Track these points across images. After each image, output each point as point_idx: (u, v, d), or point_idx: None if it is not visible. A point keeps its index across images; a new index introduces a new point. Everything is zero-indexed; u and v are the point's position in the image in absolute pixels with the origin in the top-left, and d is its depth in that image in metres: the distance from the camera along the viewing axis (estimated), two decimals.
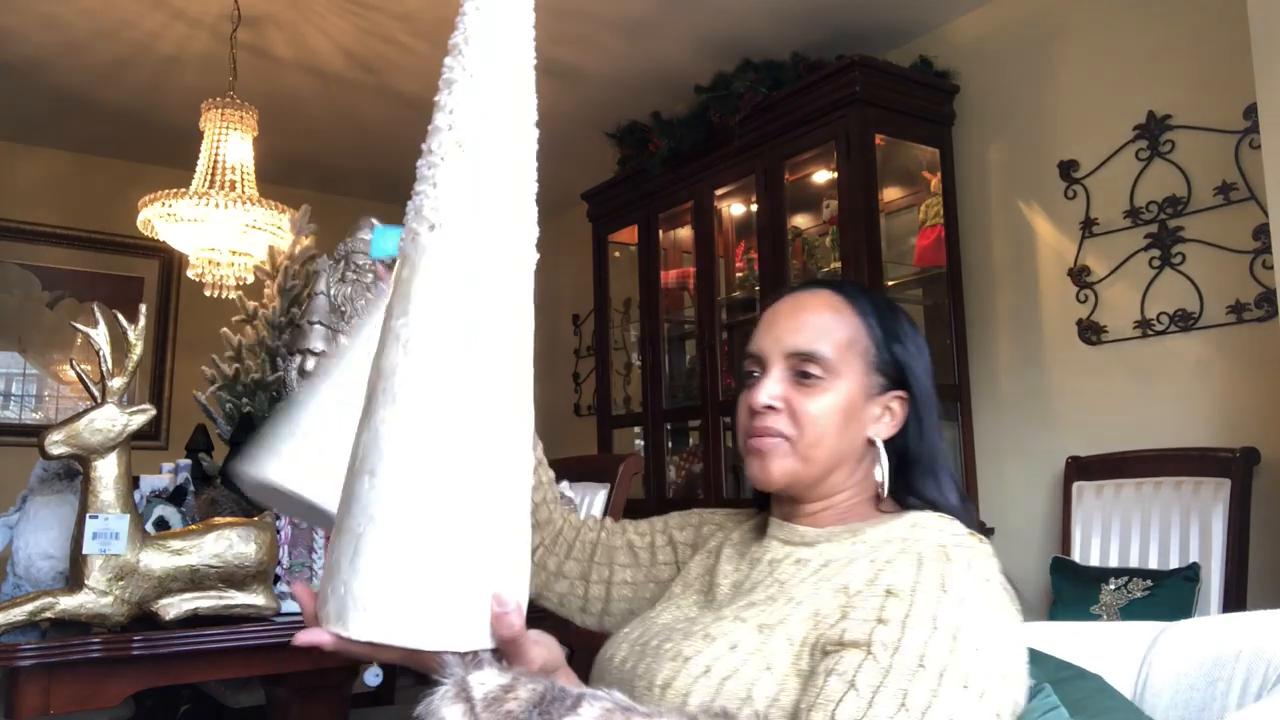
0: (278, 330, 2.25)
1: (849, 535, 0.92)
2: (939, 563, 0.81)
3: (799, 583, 0.89)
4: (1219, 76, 2.61)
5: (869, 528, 0.92)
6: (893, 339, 0.97)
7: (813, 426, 0.92)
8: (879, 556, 0.86)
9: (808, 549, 0.93)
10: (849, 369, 0.94)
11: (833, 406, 0.92)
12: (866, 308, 0.97)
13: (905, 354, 0.97)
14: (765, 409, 0.93)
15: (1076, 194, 2.93)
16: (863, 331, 0.96)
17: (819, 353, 0.93)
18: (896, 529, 0.90)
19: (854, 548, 0.90)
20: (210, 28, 3.37)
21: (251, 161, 3.13)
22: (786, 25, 3.34)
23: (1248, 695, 0.82)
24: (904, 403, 0.97)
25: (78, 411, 1.48)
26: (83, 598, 1.44)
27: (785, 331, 0.96)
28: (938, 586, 0.79)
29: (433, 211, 0.73)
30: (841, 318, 0.96)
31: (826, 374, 0.93)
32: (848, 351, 0.94)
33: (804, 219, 3.60)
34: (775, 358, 0.95)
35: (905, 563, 0.82)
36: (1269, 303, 2.47)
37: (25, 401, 4.42)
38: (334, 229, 2.68)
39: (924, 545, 0.85)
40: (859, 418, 0.94)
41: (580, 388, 5.11)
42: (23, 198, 4.40)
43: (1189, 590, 2.26)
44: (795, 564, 0.92)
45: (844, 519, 0.95)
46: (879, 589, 0.81)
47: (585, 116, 4.09)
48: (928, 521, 0.90)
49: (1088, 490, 2.66)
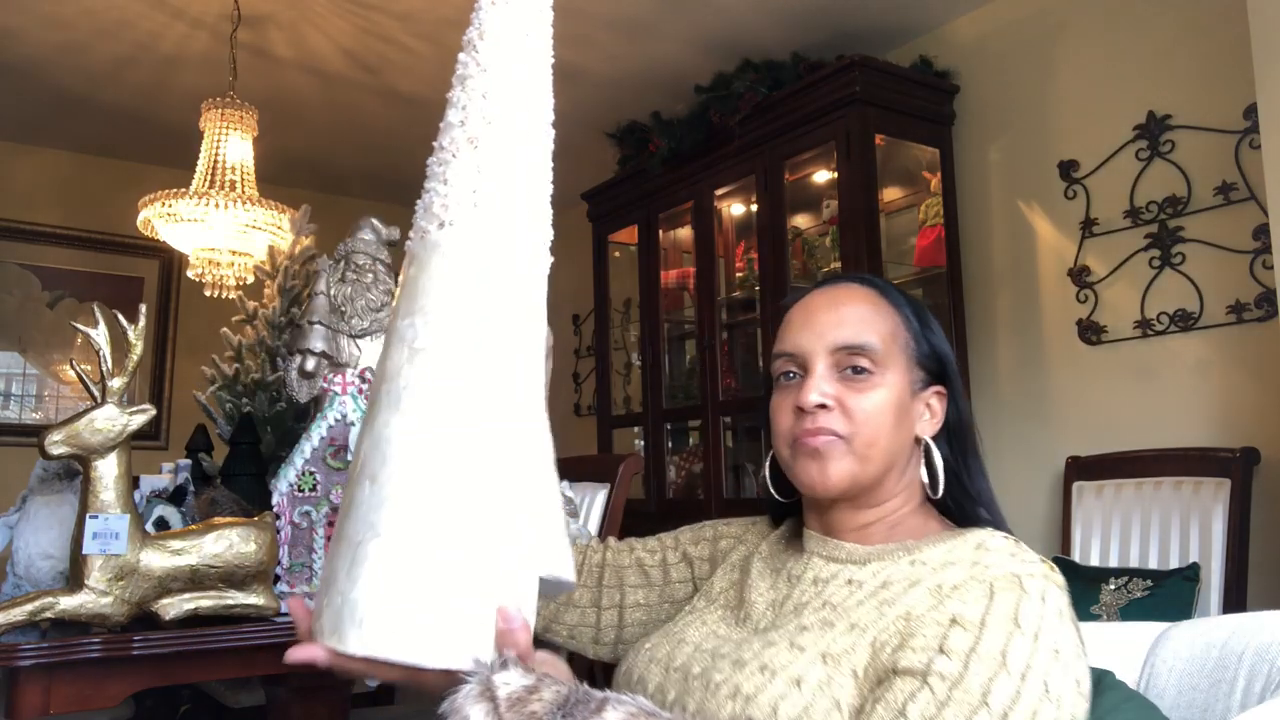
0: (278, 330, 2.25)
1: (904, 554, 0.85)
2: (1012, 593, 0.74)
3: (856, 606, 0.82)
4: (1219, 76, 2.61)
5: (927, 546, 0.85)
6: (929, 331, 0.93)
7: (868, 424, 0.86)
8: (944, 581, 0.79)
9: (858, 568, 0.86)
10: (895, 362, 0.89)
11: (886, 401, 0.87)
12: (900, 300, 0.94)
13: (942, 346, 0.93)
14: (817, 408, 0.87)
15: (1076, 194, 2.93)
16: (901, 324, 0.91)
17: (869, 345, 0.88)
18: (960, 550, 0.83)
19: (913, 569, 0.82)
20: (210, 28, 3.37)
21: (251, 161, 3.13)
22: (786, 25, 3.33)
23: (1251, 696, 0.82)
24: (943, 399, 0.92)
25: (78, 411, 1.48)
26: (83, 598, 1.44)
27: (827, 326, 0.90)
28: (1010, 620, 0.72)
29: (443, 209, 0.71)
30: (879, 310, 0.91)
31: (877, 368, 0.88)
32: (892, 344, 0.90)
33: (804, 219, 3.60)
34: (818, 354, 0.89)
35: (975, 592, 0.76)
36: (1269, 303, 2.47)
37: (25, 401, 4.42)
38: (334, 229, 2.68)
39: (995, 572, 0.77)
40: (908, 414, 0.90)
41: (580, 388, 5.11)
42: (23, 198, 4.40)
43: (1189, 590, 2.26)
44: (847, 585, 0.85)
45: (894, 534, 0.89)
46: (944, 616, 0.75)
47: (585, 116, 4.09)
48: (994, 544, 0.82)
49: (1088, 490, 2.66)
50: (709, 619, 0.92)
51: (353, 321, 1.86)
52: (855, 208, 3.04)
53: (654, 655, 0.89)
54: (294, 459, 1.68)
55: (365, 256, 1.87)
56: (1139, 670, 0.93)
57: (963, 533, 0.86)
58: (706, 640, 0.88)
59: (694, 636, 0.90)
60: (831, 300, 0.92)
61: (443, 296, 0.69)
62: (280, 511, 1.65)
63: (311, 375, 1.82)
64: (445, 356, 0.68)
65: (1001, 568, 0.78)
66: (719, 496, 3.48)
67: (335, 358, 1.82)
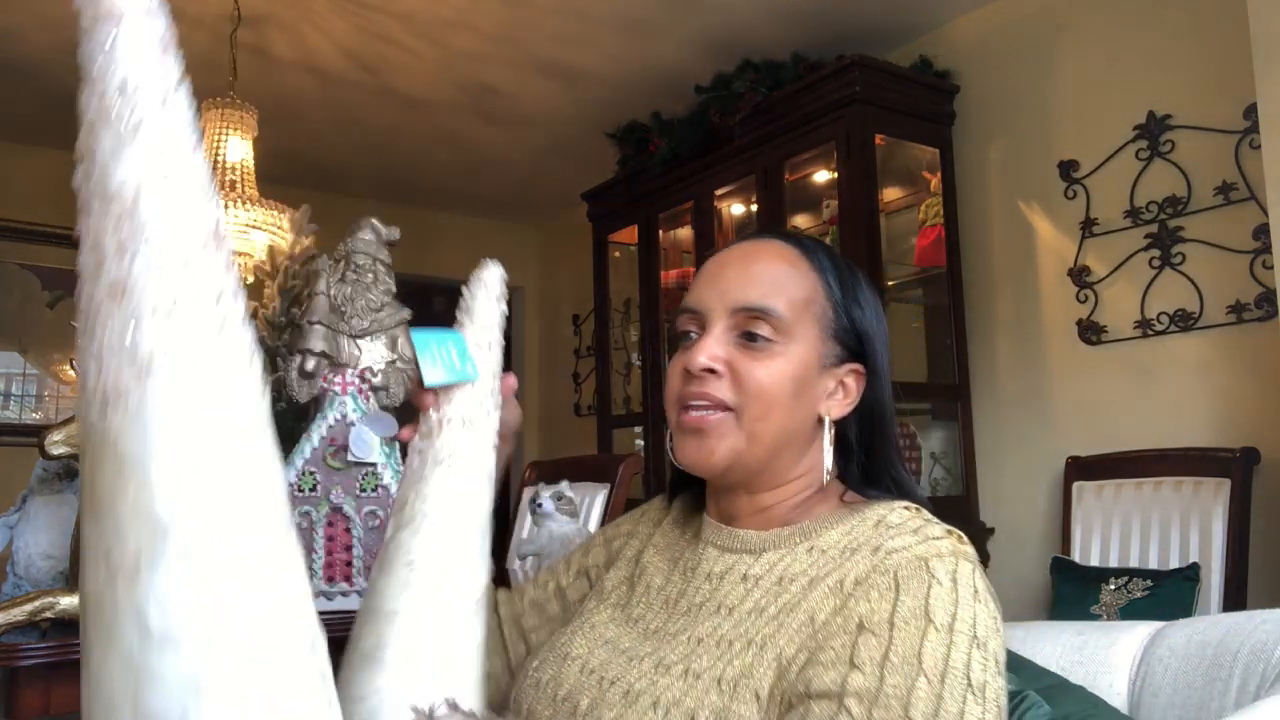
0: (278, 330, 2.25)
1: (802, 540, 0.78)
2: (920, 583, 0.68)
3: (754, 614, 0.75)
4: (1219, 76, 2.61)
5: (824, 529, 0.78)
6: (853, 302, 0.83)
7: (760, 396, 0.78)
8: (846, 576, 0.72)
9: (753, 559, 0.79)
10: (804, 332, 0.80)
11: (784, 374, 0.78)
12: (825, 264, 0.83)
13: (865, 321, 0.83)
14: (704, 372, 0.78)
15: (1076, 194, 2.93)
16: (820, 291, 0.82)
17: (772, 309, 0.79)
18: (859, 530, 0.76)
19: (811, 558, 0.76)
20: (210, 28, 3.37)
21: (251, 161, 3.13)
22: (786, 25, 3.34)
23: (1246, 694, 0.82)
24: (860, 377, 0.83)
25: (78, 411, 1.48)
26: None
27: (732, 284, 0.81)
28: (921, 615, 0.67)
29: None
30: (797, 272, 0.82)
31: (778, 335, 0.79)
32: (804, 312, 0.80)
33: (804, 219, 3.59)
34: (718, 314, 0.80)
35: (879, 586, 0.70)
36: (1269, 303, 2.47)
37: (25, 401, 4.43)
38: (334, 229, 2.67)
39: (899, 559, 0.71)
40: (811, 390, 0.80)
41: (580, 388, 5.11)
42: (23, 198, 4.40)
43: (1189, 590, 2.26)
44: (742, 581, 0.78)
45: (792, 515, 0.81)
46: (850, 622, 0.69)
47: (585, 116, 4.09)
48: (894, 519, 0.76)
49: (1088, 490, 2.66)
50: (597, 621, 0.85)
51: (353, 321, 1.86)
52: (855, 208, 3.04)
53: (540, 679, 0.82)
54: (294, 459, 1.68)
55: (365, 256, 1.87)
56: (1135, 668, 0.94)
57: (862, 508, 0.79)
58: (594, 654, 0.81)
59: (580, 649, 0.82)
60: (744, 256, 0.83)
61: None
62: None
63: (311, 375, 1.82)
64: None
65: (904, 552, 0.71)
66: None
67: (335, 358, 1.82)
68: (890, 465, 0.83)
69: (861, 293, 0.84)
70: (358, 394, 1.74)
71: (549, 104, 4.03)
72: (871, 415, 0.83)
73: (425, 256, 5.07)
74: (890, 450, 0.83)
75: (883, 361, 0.83)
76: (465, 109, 4.03)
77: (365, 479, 1.72)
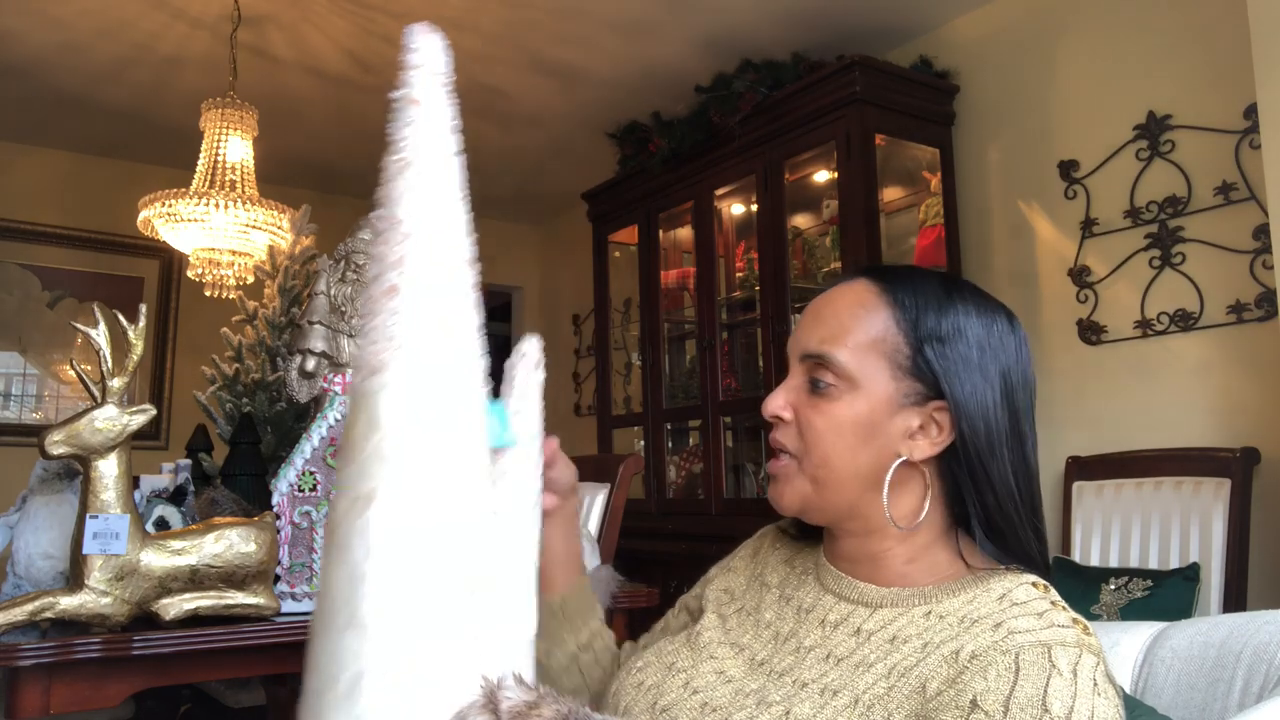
0: (278, 330, 2.25)
1: (920, 603, 0.76)
2: (1041, 670, 0.66)
3: (860, 669, 0.74)
4: (1219, 76, 2.61)
5: (945, 596, 0.76)
6: (932, 339, 0.79)
7: (818, 444, 0.79)
8: (963, 647, 0.70)
9: (868, 612, 0.78)
10: (870, 374, 0.79)
11: (842, 420, 0.78)
12: (906, 299, 0.80)
13: (942, 357, 0.78)
14: (774, 418, 0.82)
15: (1076, 194, 2.93)
16: (892, 328, 0.79)
17: (828, 356, 0.79)
18: (981, 601, 0.74)
19: (928, 623, 0.74)
20: (210, 28, 3.37)
21: (251, 161, 3.13)
22: (786, 25, 3.34)
23: (1249, 696, 0.82)
24: (950, 414, 0.79)
25: (78, 411, 1.48)
26: (83, 598, 1.44)
27: (805, 330, 0.83)
28: (1038, 704, 0.65)
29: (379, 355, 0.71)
30: (867, 313, 0.80)
31: (840, 381, 0.79)
32: (869, 353, 0.79)
33: (804, 219, 3.60)
34: (794, 360, 0.83)
35: (998, 666, 0.67)
36: (1269, 303, 2.47)
37: (25, 401, 4.42)
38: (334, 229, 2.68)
39: (1021, 641, 0.68)
40: (883, 432, 0.78)
41: (580, 388, 5.11)
42: (23, 198, 4.41)
43: (1189, 590, 2.26)
44: (855, 635, 0.77)
45: (911, 571, 0.79)
46: (963, 697, 0.67)
47: (585, 116, 4.09)
48: (1020, 595, 0.73)
49: (1088, 490, 2.66)
50: (707, 639, 0.86)
51: (353, 321, 1.86)
52: (855, 208, 3.04)
53: (642, 682, 0.83)
54: (294, 459, 1.68)
55: (365, 256, 1.87)
56: (1137, 669, 0.93)
57: (987, 578, 0.76)
58: (699, 672, 0.82)
59: (685, 662, 0.83)
60: (825, 300, 0.84)
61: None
62: (280, 511, 1.65)
63: (312, 375, 1.82)
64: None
65: (1028, 635, 0.69)
66: (719, 497, 3.48)
67: (335, 358, 1.82)
68: (1008, 519, 0.78)
69: (954, 321, 0.79)
70: None
71: (549, 104, 4.03)
72: (967, 456, 0.78)
73: None
74: (1004, 500, 0.78)
75: (965, 395, 0.78)
76: (465, 109, 4.00)
77: None
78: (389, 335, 0.68)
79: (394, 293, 0.69)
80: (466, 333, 0.71)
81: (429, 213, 0.72)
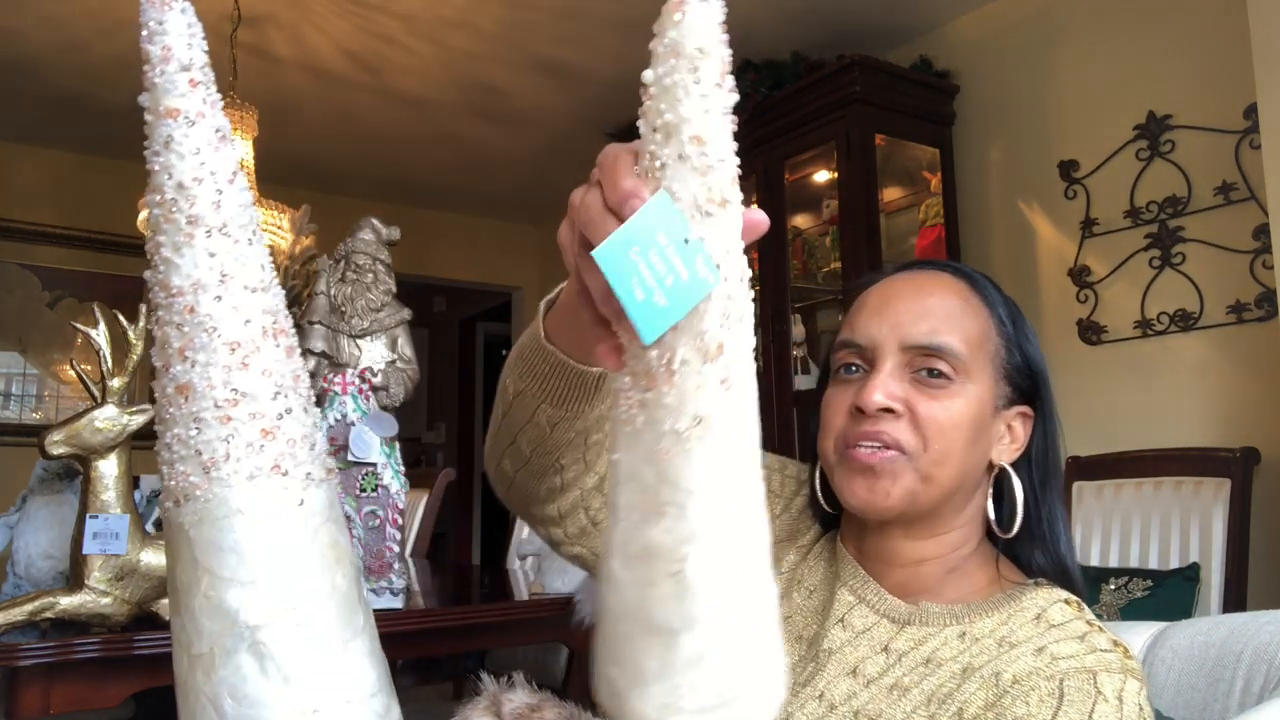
0: None
1: (953, 622, 0.73)
2: (1086, 697, 0.64)
3: (894, 692, 0.71)
4: (1219, 76, 2.61)
5: (977, 615, 0.73)
6: (1024, 339, 0.78)
7: (941, 438, 0.72)
8: (1003, 670, 0.68)
9: (895, 629, 0.74)
10: (979, 372, 0.75)
11: (964, 415, 0.73)
12: (995, 298, 0.79)
13: (1037, 359, 0.78)
14: (881, 411, 0.73)
15: (1076, 194, 2.93)
16: (993, 328, 0.77)
17: (949, 348, 0.74)
18: (1017, 622, 0.71)
19: (963, 645, 0.71)
20: (210, 28, 3.33)
21: (251, 161, 3.13)
22: (786, 25, 3.34)
23: (1249, 696, 0.82)
24: (1027, 421, 0.78)
25: (78, 411, 1.48)
26: (83, 598, 1.44)
27: (906, 318, 0.75)
28: None
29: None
30: (969, 308, 0.76)
31: (957, 375, 0.74)
32: (979, 350, 0.75)
33: (804, 219, 3.59)
34: (889, 349, 0.75)
35: (1041, 690, 0.66)
36: (1269, 303, 2.47)
37: (25, 401, 4.42)
38: (334, 229, 2.68)
39: (1065, 666, 0.66)
40: (987, 434, 0.76)
41: None
42: (23, 198, 4.40)
43: (1189, 590, 2.26)
44: (883, 652, 0.73)
45: (947, 583, 0.76)
46: None
47: (585, 116, 4.09)
48: (1057, 616, 0.71)
49: (1088, 490, 2.66)
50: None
51: (353, 321, 1.86)
52: (855, 208, 3.04)
53: None
54: None
55: (365, 256, 1.87)
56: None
57: (1019, 595, 0.74)
58: None
59: None
60: (916, 288, 0.77)
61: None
62: None
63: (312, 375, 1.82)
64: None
65: (1072, 661, 0.67)
66: None
67: (335, 358, 1.82)
68: (1053, 529, 0.77)
69: (1027, 329, 0.80)
70: (358, 394, 1.73)
71: (549, 104, 4.03)
72: (1044, 464, 0.79)
73: (425, 256, 5.08)
74: (1057, 509, 0.78)
75: (1051, 406, 0.79)
76: (465, 109, 4.03)
77: (365, 479, 1.72)
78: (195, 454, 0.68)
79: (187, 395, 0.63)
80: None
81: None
